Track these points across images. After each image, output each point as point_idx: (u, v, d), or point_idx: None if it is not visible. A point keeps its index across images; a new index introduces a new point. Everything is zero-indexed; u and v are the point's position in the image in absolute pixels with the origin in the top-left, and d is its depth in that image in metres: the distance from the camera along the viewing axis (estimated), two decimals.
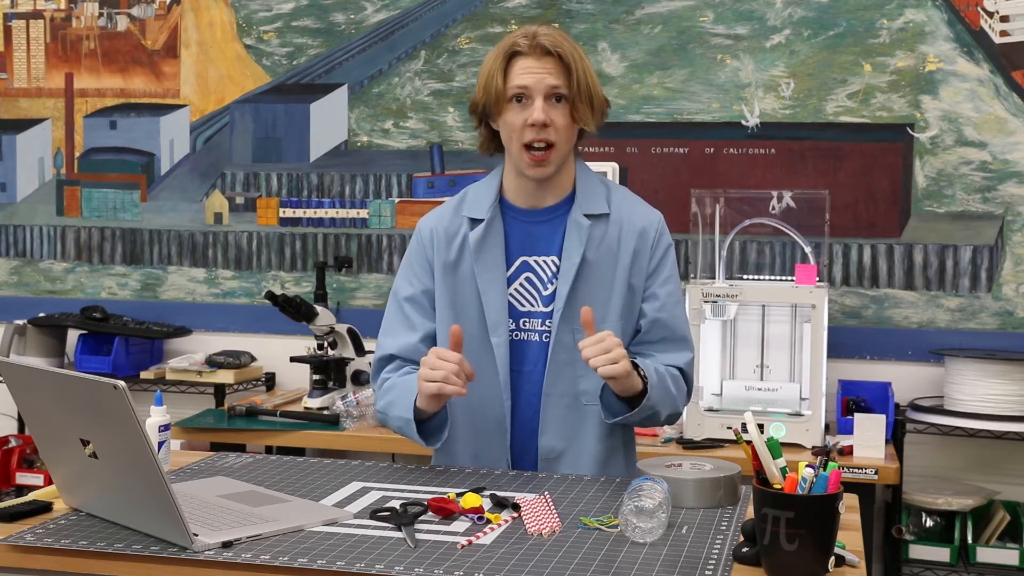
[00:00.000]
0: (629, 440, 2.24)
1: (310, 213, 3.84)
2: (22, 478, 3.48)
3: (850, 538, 1.69)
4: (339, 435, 3.14)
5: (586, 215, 2.12)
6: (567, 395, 2.11)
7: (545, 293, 2.12)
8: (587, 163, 2.24)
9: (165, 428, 2.05)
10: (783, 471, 1.55)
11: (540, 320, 2.12)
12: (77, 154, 4.05)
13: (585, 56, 2.11)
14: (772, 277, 3.27)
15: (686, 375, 2.15)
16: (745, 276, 3.31)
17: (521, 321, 2.13)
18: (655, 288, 2.15)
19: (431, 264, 2.16)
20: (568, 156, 2.13)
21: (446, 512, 1.76)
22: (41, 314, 3.79)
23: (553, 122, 2.05)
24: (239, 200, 3.91)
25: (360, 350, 3.47)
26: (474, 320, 2.12)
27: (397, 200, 3.77)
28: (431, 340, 2.16)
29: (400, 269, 2.23)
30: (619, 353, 1.95)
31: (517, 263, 2.14)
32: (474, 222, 2.14)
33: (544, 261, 2.14)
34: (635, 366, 2.01)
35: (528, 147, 2.07)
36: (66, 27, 4.03)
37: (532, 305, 2.13)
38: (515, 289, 2.13)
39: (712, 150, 3.50)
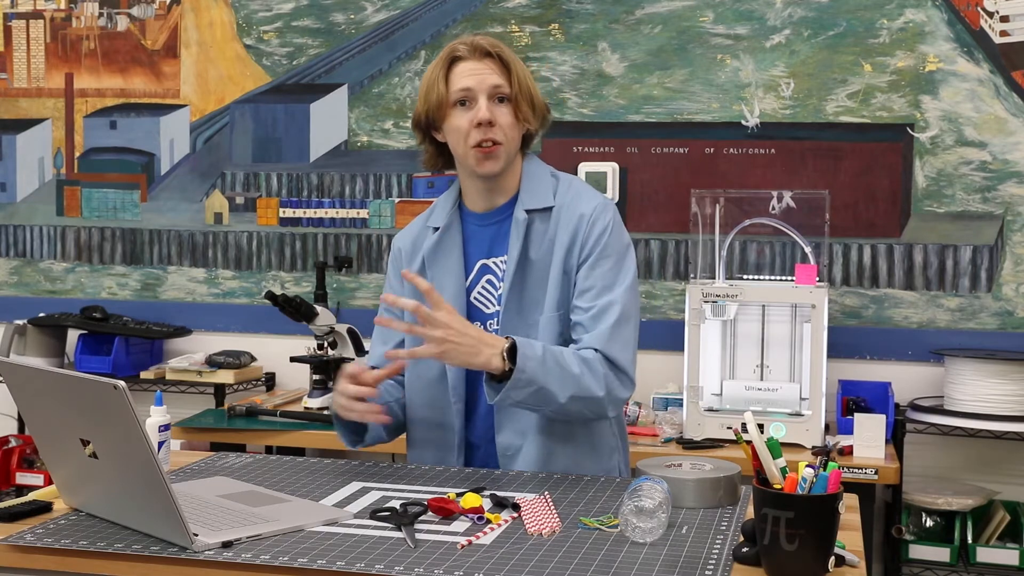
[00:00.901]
0: (590, 437, 2.18)
1: (310, 213, 3.84)
2: (22, 478, 3.47)
3: (850, 538, 1.69)
4: None
5: (528, 210, 2.12)
6: None
7: (498, 293, 2.13)
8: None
9: (165, 428, 2.05)
10: (783, 471, 1.55)
11: (496, 320, 2.13)
12: (77, 154, 4.05)
13: (523, 63, 2.15)
14: (772, 277, 3.27)
15: (610, 358, 2.05)
16: (745, 276, 3.31)
17: (488, 323, 2.13)
18: (581, 273, 2.10)
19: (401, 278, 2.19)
20: (515, 156, 2.15)
21: (446, 512, 1.76)
22: (41, 314, 3.79)
23: (498, 121, 2.08)
24: (239, 200, 3.91)
25: (360, 350, 3.47)
26: None
27: (397, 200, 3.77)
28: (401, 347, 2.18)
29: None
30: (441, 335, 1.95)
31: (477, 267, 2.16)
32: (436, 231, 2.18)
33: (499, 262, 2.15)
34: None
35: (476, 146, 2.09)
36: (66, 27, 4.03)
37: (493, 306, 2.14)
38: (478, 293, 2.15)
39: (712, 150, 3.50)
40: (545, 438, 2.11)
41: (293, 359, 3.50)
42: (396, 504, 1.83)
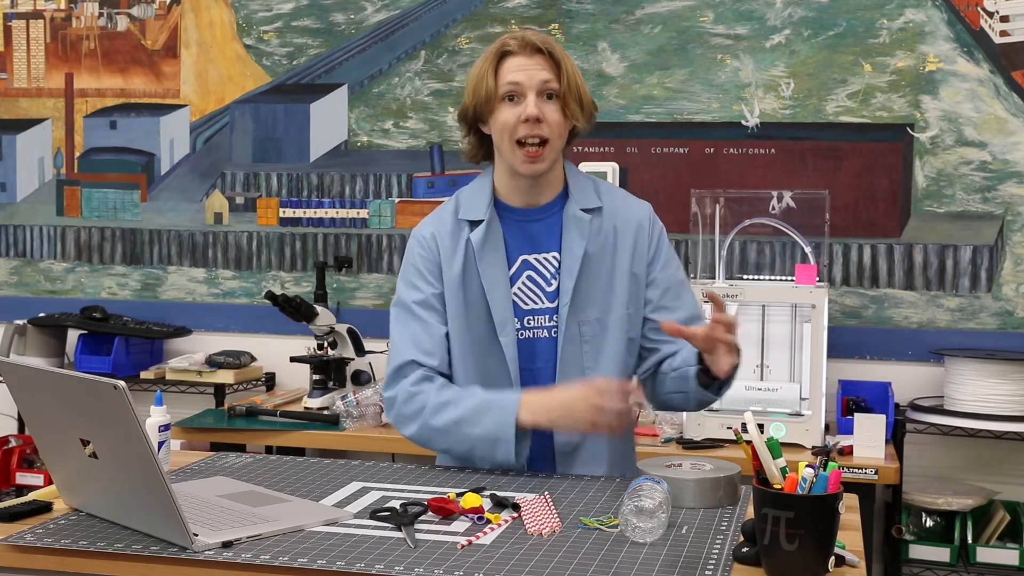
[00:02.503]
0: (632, 435, 2.27)
1: (310, 213, 3.84)
2: (22, 478, 3.48)
3: (850, 538, 1.69)
4: (339, 435, 3.14)
5: (582, 210, 2.14)
6: None
7: (549, 289, 2.14)
8: (588, 163, 2.26)
9: (165, 428, 2.05)
10: (783, 471, 1.55)
11: (546, 316, 2.14)
12: (77, 154, 4.05)
13: (573, 60, 2.14)
14: (772, 277, 3.27)
15: None
16: (745, 276, 3.31)
17: (526, 319, 2.14)
18: (655, 273, 2.18)
19: (439, 267, 2.15)
20: (560, 153, 2.15)
21: (446, 512, 1.76)
22: (41, 314, 3.79)
23: (546, 118, 2.07)
24: (239, 200, 3.91)
25: (360, 350, 3.47)
26: (482, 321, 2.12)
27: (397, 200, 3.77)
28: (446, 342, 2.14)
29: (403, 277, 2.20)
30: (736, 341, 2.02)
31: (518, 262, 2.15)
32: (473, 224, 2.15)
33: (545, 258, 2.15)
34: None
35: (520, 144, 2.08)
36: (66, 27, 4.03)
37: (536, 303, 2.14)
38: (518, 288, 2.14)
39: (712, 150, 3.50)
40: (607, 439, 2.13)
41: (293, 359, 3.50)
42: (396, 504, 1.83)
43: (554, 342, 2.13)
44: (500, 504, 1.83)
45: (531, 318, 2.14)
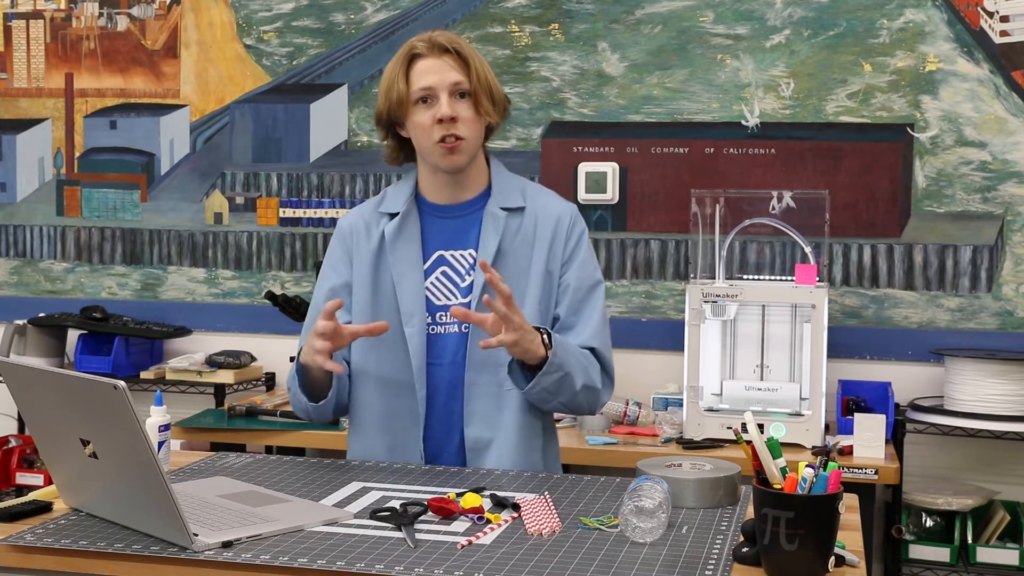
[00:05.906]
0: (549, 432, 2.24)
1: (310, 213, 3.84)
2: (22, 478, 3.47)
3: (850, 538, 1.69)
4: (339, 435, 3.14)
5: (502, 208, 2.16)
6: (491, 384, 2.13)
7: (463, 285, 2.15)
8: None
9: (165, 428, 2.05)
10: (783, 471, 1.55)
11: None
12: (77, 154, 4.05)
13: (481, 56, 2.16)
14: (772, 277, 3.27)
15: (599, 355, 2.15)
16: (745, 276, 3.31)
17: (438, 315, 2.15)
18: (567, 275, 2.18)
19: (350, 258, 2.21)
20: (478, 150, 2.17)
21: (446, 512, 1.76)
22: (41, 314, 3.79)
23: (460, 116, 2.10)
24: (239, 200, 3.91)
25: None
26: (392, 312, 2.15)
27: None
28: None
29: (321, 270, 2.27)
30: (519, 321, 1.97)
31: (433, 257, 2.18)
32: (392, 217, 2.19)
33: (461, 255, 2.17)
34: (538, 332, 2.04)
35: (440, 142, 2.11)
36: (66, 27, 4.03)
37: (449, 298, 2.16)
38: (431, 283, 2.16)
39: (712, 150, 3.50)
40: (516, 435, 2.14)
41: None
42: (396, 504, 1.83)
43: (464, 338, 2.14)
44: (500, 504, 1.84)
45: (443, 314, 2.15)
